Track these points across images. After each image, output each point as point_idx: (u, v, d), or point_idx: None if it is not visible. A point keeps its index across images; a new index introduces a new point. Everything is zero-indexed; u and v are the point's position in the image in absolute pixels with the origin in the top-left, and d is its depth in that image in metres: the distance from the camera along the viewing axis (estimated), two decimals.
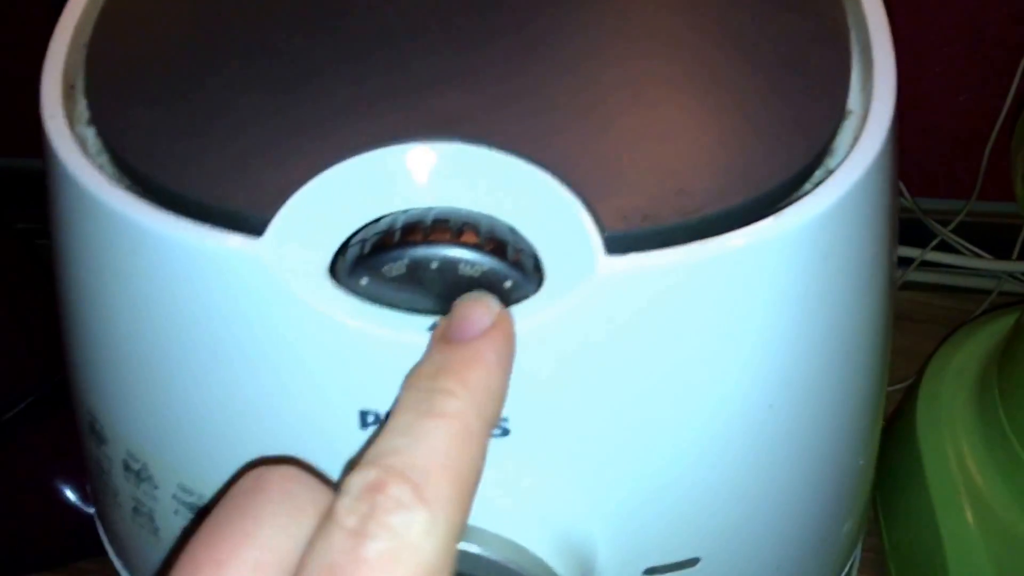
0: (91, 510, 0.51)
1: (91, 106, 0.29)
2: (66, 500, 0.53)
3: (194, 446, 0.29)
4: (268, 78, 0.28)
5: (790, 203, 0.26)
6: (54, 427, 0.53)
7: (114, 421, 0.30)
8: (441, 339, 0.24)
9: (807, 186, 0.27)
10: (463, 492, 0.21)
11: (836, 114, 0.28)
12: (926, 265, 0.66)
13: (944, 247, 0.66)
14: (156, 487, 0.31)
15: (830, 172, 0.27)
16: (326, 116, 0.27)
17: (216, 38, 0.30)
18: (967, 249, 0.66)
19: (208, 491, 0.29)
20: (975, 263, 0.65)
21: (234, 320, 0.26)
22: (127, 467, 0.31)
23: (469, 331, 0.24)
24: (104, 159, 0.28)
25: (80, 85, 0.30)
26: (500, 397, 0.23)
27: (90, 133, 0.29)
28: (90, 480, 0.36)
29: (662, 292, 0.25)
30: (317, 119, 0.27)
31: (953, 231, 0.66)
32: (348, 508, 0.20)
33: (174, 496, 0.30)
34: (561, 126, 0.27)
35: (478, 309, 0.24)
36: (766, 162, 0.27)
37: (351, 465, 0.22)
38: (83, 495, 0.54)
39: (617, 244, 0.25)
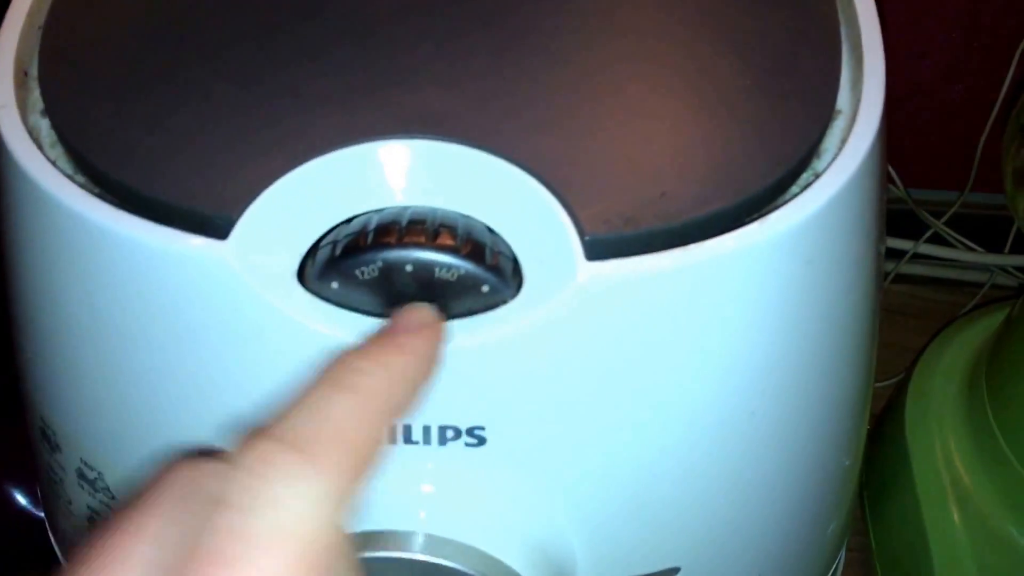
0: (42, 514, 0.50)
1: (45, 95, 0.27)
2: (15, 504, 0.51)
3: (152, 456, 0.28)
4: (236, 70, 0.27)
5: (776, 207, 0.25)
6: (3, 428, 0.50)
7: (68, 429, 0.29)
8: (374, 335, 0.23)
9: (794, 189, 0.26)
10: (356, 465, 0.20)
11: (824, 115, 0.27)
12: (918, 257, 0.65)
13: (937, 239, 0.65)
14: (113, 497, 0.29)
15: (817, 174, 0.26)
16: (295, 111, 0.26)
17: (182, 26, 0.29)
18: (959, 242, 0.65)
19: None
20: (968, 256, 0.64)
21: (198, 326, 0.25)
22: (82, 476, 0.30)
23: (402, 329, 0.23)
24: (58, 152, 0.26)
25: (34, 71, 0.28)
26: (414, 388, 0.22)
27: (44, 124, 0.27)
28: (42, 489, 0.35)
29: (644, 298, 0.24)
30: (286, 114, 0.26)
31: (946, 223, 0.65)
32: (237, 484, 0.19)
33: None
34: (542, 126, 0.26)
35: (415, 314, 0.23)
36: (752, 165, 0.26)
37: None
38: (34, 499, 0.51)
39: (598, 249, 0.24)
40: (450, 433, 0.26)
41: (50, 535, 0.35)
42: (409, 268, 0.24)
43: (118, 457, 0.28)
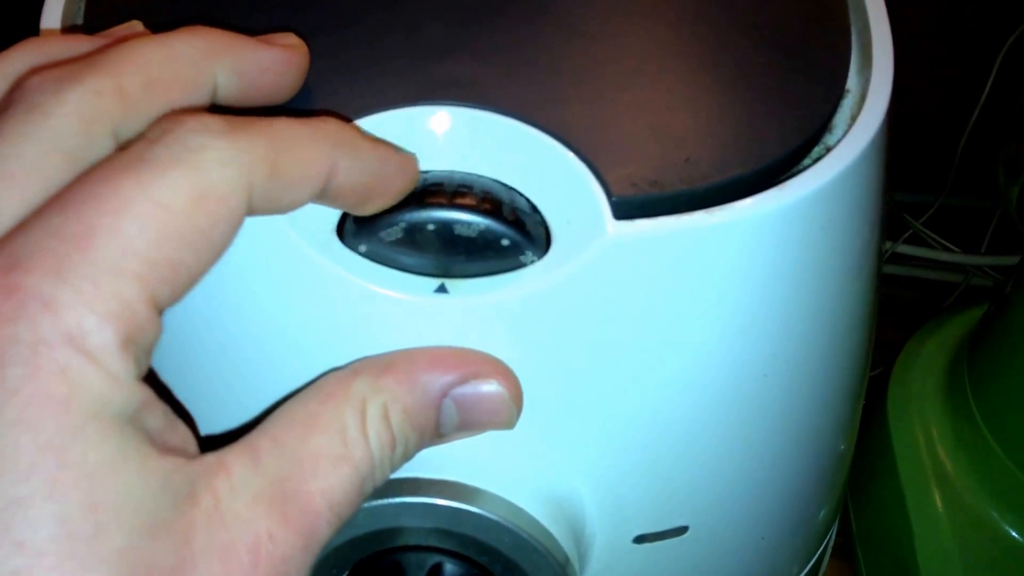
0: None
1: None
2: None
3: (190, 404, 0.29)
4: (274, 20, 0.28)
5: (791, 175, 0.27)
6: None
7: None
8: None
9: (807, 160, 0.28)
10: (279, 155, 0.21)
11: (835, 93, 0.29)
12: (897, 257, 0.67)
13: (915, 240, 0.67)
14: None
15: (828, 148, 0.28)
16: (329, 78, 0.27)
17: None
18: (937, 242, 0.67)
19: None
20: (945, 256, 0.66)
21: (239, 277, 0.26)
22: None
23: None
24: None
25: None
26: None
27: None
28: None
29: (667, 257, 0.25)
30: (320, 81, 0.27)
31: (924, 224, 0.67)
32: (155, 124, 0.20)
33: None
34: (569, 94, 0.27)
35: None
36: (769, 136, 0.27)
37: None
38: None
39: (625, 209, 0.25)
40: None
41: None
42: (431, 227, 0.25)
43: None
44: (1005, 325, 0.48)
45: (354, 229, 0.25)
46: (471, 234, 0.25)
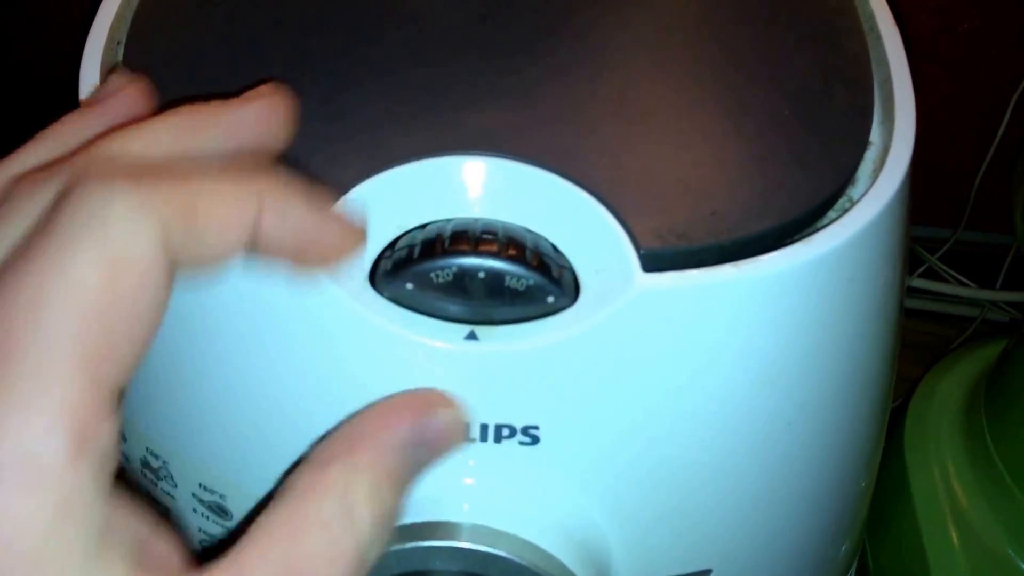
0: None
1: None
2: None
3: (218, 445, 0.29)
4: (310, 84, 0.29)
5: (817, 229, 0.27)
6: None
7: (135, 419, 0.31)
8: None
9: (832, 213, 0.28)
10: (197, 206, 0.19)
11: (859, 146, 0.29)
12: (913, 291, 0.68)
13: (931, 274, 0.67)
14: (176, 485, 0.31)
15: (852, 201, 0.28)
16: (369, 125, 0.28)
17: (257, 38, 0.30)
18: (953, 277, 0.67)
19: (229, 490, 0.30)
20: (961, 291, 0.67)
21: (272, 323, 0.26)
22: (146, 464, 0.31)
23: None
24: None
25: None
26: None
27: None
28: None
29: (694, 310, 0.26)
30: (360, 128, 0.28)
31: (940, 259, 0.67)
32: (64, 195, 0.18)
33: (193, 495, 0.30)
34: (600, 148, 0.28)
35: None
36: (794, 189, 0.27)
37: None
38: None
39: (653, 262, 0.26)
40: (506, 431, 0.27)
41: None
42: (482, 275, 0.25)
43: (184, 446, 0.29)
44: (1021, 363, 0.49)
45: (386, 274, 0.26)
46: (502, 282, 0.25)
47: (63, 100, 0.30)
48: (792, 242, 0.26)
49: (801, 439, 0.29)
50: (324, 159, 0.27)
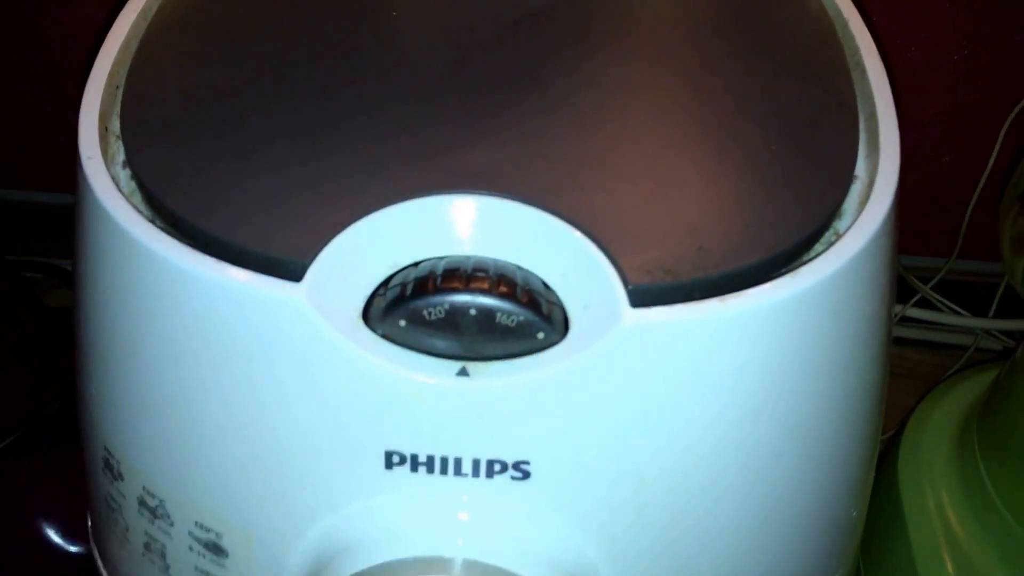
0: (75, 549, 0.49)
1: (127, 148, 0.29)
2: (49, 540, 0.51)
3: (216, 485, 0.29)
4: (304, 125, 0.29)
5: (803, 262, 0.28)
6: (38, 463, 0.51)
7: (133, 457, 0.31)
8: None
9: (818, 246, 0.28)
10: None
11: (844, 180, 0.30)
12: (906, 320, 0.68)
13: (924, 304, 0.68)
14: (172, 524, 0.31)
15: (838, 234, 0.29)
16: (362, 164, 0.28)
17: (251, 81, 0.31)
18: (946, 306, 0.68)
19: (226, 529, 0.30)
20: (954, 320, 0.67)
21: (266, 361, 0.27)
22: (143, 503, 0.31)
23: None
24: (137, 200, 0.29)
25: (114, 127, 0.30)
26: None
27: (124, 175, 0.29)
28: (94, 519, 0.36)
29: (682, 343, 0.26)
30: (353, 166, 0.28)
31: (933, 288, 0.68)
32: None
33: (190, 533, 0.31)
34: (587, 184, 0.28)
35: None
36: (780, 223, 0.28)
37: None
38: (64, 533, 0.51)
39: (641, 297, 0.26)
40: (497, 467, 0.28)
41: (100, 568, 0.36)
42: (473, 312, 0.26)
43: (181, 485, 0.30)
44: (1013, 391, 0.49)
45: (380, 312, 0.26)
46: (493, 318, 0.26)
47: (64, 143, 0.31)
48: (779, 276, 0.27)
49: (791, 470, 0.29)
50: (317, 199, 0.27)
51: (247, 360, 0.27)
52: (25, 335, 0.54)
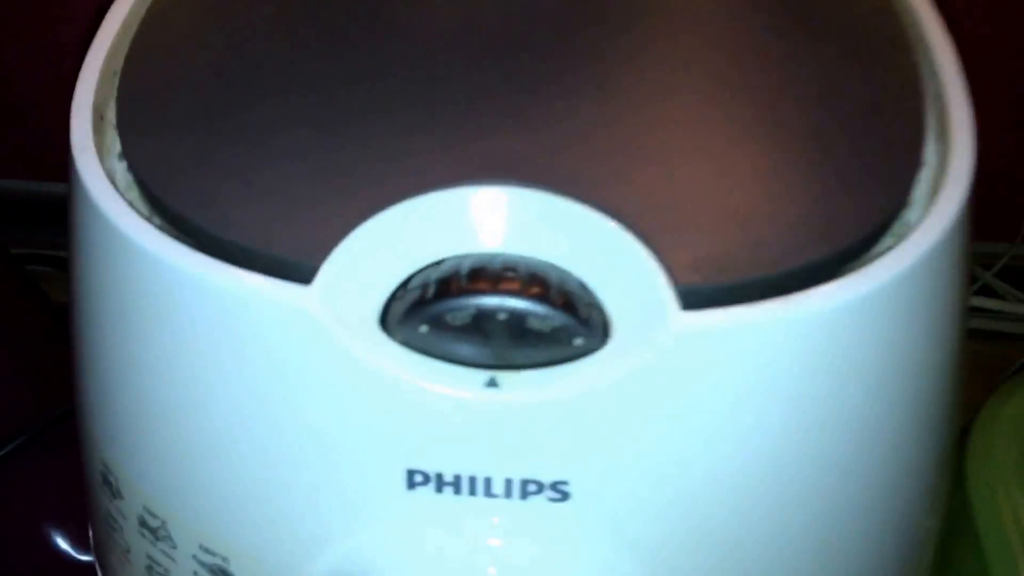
0: (85, 558, 0.48)
1: (123, 140, 0.27)
2: (58, 548, 0.49)
3: (221, 505, 0.27)
4: (313, 114, 0.27)
5: (872, 257, 0.25)
6: (46, 468, 0.49)
7: (133, 475, 0.29)
8: None
9: (886, 240, 0.25)
10: None
11: (912, 167, 0.27)
12: (968, 310, 0.64)
13: (987, 292, 0.64)
14: (175, 546, 0.29)
15: (908, 225, 0.26)
16: (375, 155, 0.26)
17: (256, 70, 0.28)
18: (1011, 294, 0.64)
19: (232, 552, 0.28)
20: (1019, 308, 0.63)
21: (275, 372, 0.24)
22: (143, 523, 0.29)
23: None
24: (135, 196, 0.26)
25: (110, 116, 0.28)
26: None
27: (120, 168, 0.27)
28: (95, 534, 0.34)
29: (739, 350, 0.23)
30: (366, 158, 0.26)
31: (996, 275, 0.64)
32: None
33: (194, 556, 0.28)
34: (628, 171, 0.25)
35: None
36: (844, 214, 0.25)
37: None
38: (75, 542, 0.49)
39: (692, 298, 0.23)
40: (532, 487, 0.25)
41: None
42: (502, 316, 0.23)
43: (185, 505, 0.27)
44: None
45: (399, 317, 0.24)
46: (524, 323, 0.23)
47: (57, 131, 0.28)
48: (845, 273, 0.24)
49: (859, 487, 0.27)
50: (328, 194, 0.25)
51: (252, 370, 0.24)
52: (30, 334, 0.53)
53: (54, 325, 0.52)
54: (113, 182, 0.26)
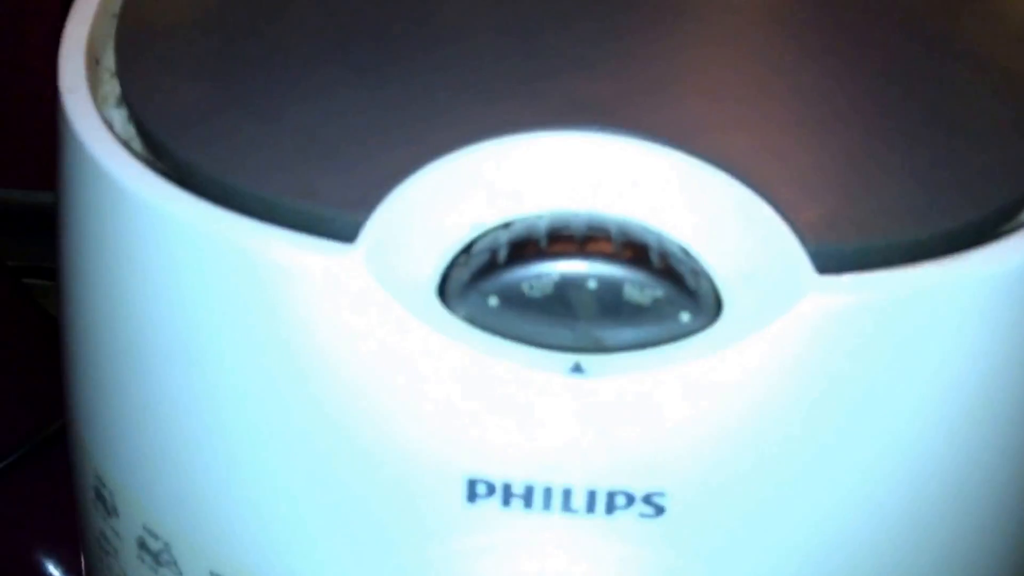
0: None
1: (123, 82, 0.23)
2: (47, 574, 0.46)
3: (238, 524, 0.22)
4: (348, 45, 0.23)
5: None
6: (38, 489, 0.46)
7: (131, 488, 0.24)
8: None
9: None
10: None
11: None
12: None
13: None
14: (180, 574, 0.24)
15: None
16: (429, 95, 0.21)
17: (270, 4, 0.24)
18: None
19: None
20: None
21: (307, 353, 0.20)
22: (143, 546, 0.24)
23: None
24: (137, 145, 0.22)
25: (108, 61, 0.24)
26: None
27: (119, 116, 0.23)
28: (87, 560, 0.30)
29: (888, 325, 0.19)
30: (420, 97, 0.21)
31: None
32: None
33: None
34: (732, 115, 0.21)
35: None
36: (997, 171, 0.21)
37: None
38: (67, 569, 0.47)
39: (829, 260, 0.19)
40: (621, 500, 0.20)
41: None
42: (592, 285, 0.19)
43: (192, 524, 0.23)
44: None
45: (462, 287, 0.19)
46: (619, 294, 0.19)
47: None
48: (1011, 231, 0.20)
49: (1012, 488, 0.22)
50: (374, 137, 0.21)
51: (281, 351, 0.20)
52: (23, 349, 0.50)
53: (50, 340, 0.49)
54: (110, 130, 0.22)
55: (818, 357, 0.19)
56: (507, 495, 0.20)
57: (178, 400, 0.21)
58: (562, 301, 0.19)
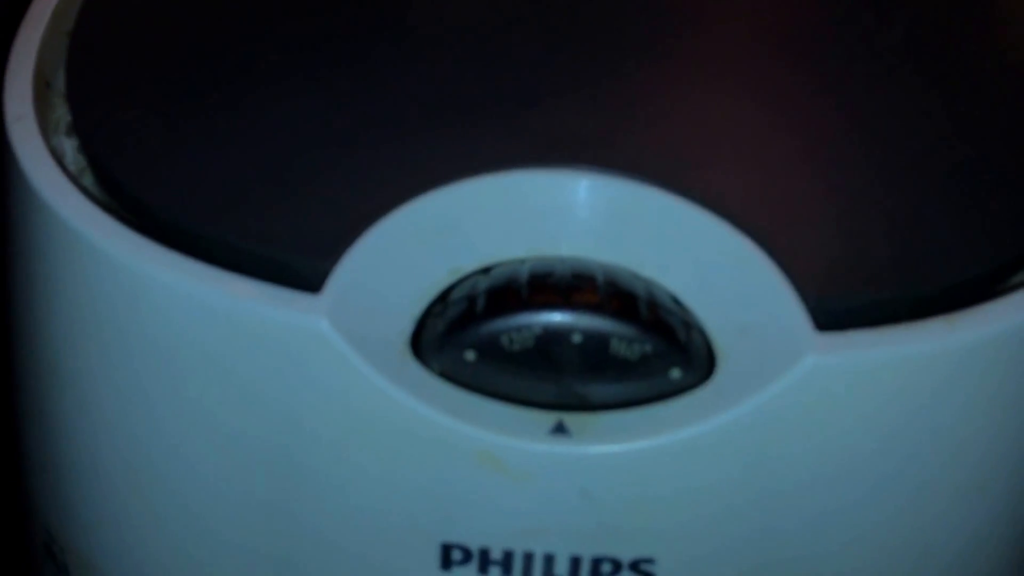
0: None
1: (73, 110, 0.21)
2: None
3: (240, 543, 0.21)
4: (316, 75, 0.21)
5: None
6: None
7: (84, 546, 0.23)
8: None
9: None
10: None
11: None
12: None
13: None
14: None
15: None
16: (400, 133, 0.20)
17: (237, 26, 0.23)
18: None
19: None
20: None
21: (273, 410, 0.19)
22: None
23: None
24: (88, 181, 0.20)
25: (59, 84, 0.23)
26: None
27: (69, 145, 0.22)
28: None
29: (892, 385, 0.18)
30: (389, 135, 0.20)
31: None
32: None
33: None
34: (727, 157, 0.20)
35: None
36: (1005, 224, 0.20)
37: None
38: None
39: (830, 316, 0.18)
40: (607, 567, 0.19)
41: None
42: (576, 338, 0.17)
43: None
44: None
45: (437, 340, 0.18)
46: (605, 348, 0.18)
47: None
48: (1018, 286, 0.19)
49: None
50: (342, 178, 0.19)
51: (243, 407, 0.19)
52: None
53: None
54: (61, 164, 0.20)
55: (817, 419, 0.18)
56: (484, 561, 0.19)
57: (144, 458, 0.20)
58: (544, 356, 0.18)
